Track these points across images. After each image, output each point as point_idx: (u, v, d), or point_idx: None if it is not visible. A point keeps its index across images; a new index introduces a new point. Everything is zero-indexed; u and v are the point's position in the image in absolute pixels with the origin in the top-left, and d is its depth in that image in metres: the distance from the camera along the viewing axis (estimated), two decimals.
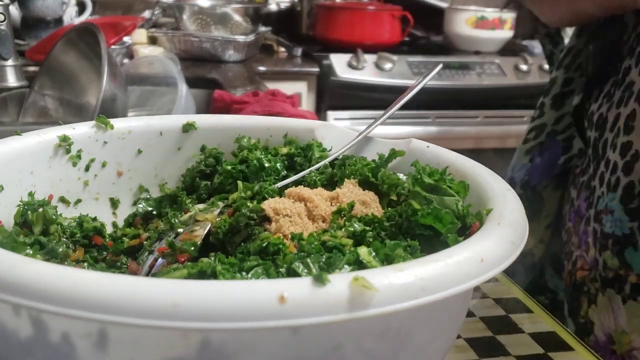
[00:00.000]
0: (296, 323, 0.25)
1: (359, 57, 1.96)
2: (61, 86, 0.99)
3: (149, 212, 0.52)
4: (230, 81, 1.57)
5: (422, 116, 1.99)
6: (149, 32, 1.80)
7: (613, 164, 0.59)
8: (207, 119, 0.55)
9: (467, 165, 0.45)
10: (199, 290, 0.25)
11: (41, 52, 1.23)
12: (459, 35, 2.17)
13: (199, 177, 0.53)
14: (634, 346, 0.56)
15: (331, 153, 0.52)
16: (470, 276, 0.29)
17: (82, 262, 0.43)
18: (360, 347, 0.30)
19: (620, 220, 0.57)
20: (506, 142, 2.04)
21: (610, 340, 0.59)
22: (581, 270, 0.64)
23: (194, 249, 0.39)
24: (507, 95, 2.03)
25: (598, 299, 0.60)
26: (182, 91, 1.00)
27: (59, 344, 0.28)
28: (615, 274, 0.58)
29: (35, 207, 0.43)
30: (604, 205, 0.60)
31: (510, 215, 0.35)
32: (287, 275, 0.32)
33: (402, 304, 0.27)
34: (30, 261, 0.27)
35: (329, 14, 2.10)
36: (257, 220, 0.41)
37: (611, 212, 0.58)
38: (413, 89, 0.52)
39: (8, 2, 1.09)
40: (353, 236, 0.38)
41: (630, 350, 0.57)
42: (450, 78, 2.00)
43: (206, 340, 0.27)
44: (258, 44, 1.99)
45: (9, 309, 0.29)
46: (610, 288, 0.58)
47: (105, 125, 0.50)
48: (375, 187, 0.46)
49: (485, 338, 0.50)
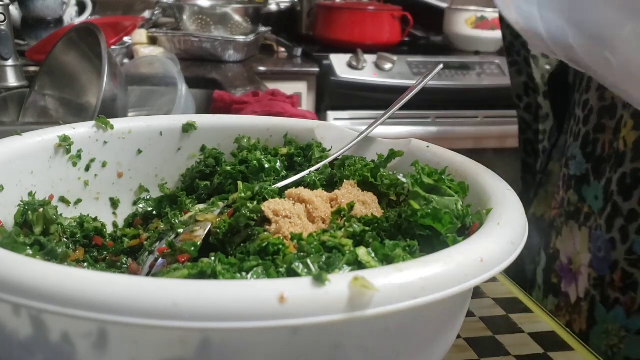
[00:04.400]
0: (296, 323, 0.25)
1: (359, 57, 1.96)
2: (61, 86, 0.99)
3: (149, 212, 0.52)
4: (230, 81, 1.57)
5: (422, 116, 1.99)
6: (149, 32, 1.80)
7: (577, 118, 0.71)
8: (207, 119, 0.55)
9: (467, 165, 0.45)
10: (199, 290, 0.25)
11: (41, 52, 1.23)
12: (458, 35, 2.17)
13: (199, 178, 0.53)
14: (581, 263, 0.68)
15: (331, 153, 0.52)
16: (470, 276, 0.29)
17: (82, 262, 0.44)
18: (360, 347, 0.30)
19: (580, 163, 0.69)
20: (506, 142, 2.04)
21: (570, 262, 0.70)
22: (553, 210, 0.76)
23: (194, 249, 0.39)
24: (507, 95, 2.01)
25: (563, 230, 0.71)
26: (182, 91, 1.01)
27: (59, 344, 0.28)
28: (575, 207, 0.69)
29: (35, 207, 0.43)
30: (570, 153, 0.71)
31: (510, 215, 0.35)
32: (287, 275, 0.32)
33: (402, 304, 0.27)
34: (31, 261, 0.27)
35: (329, 14, 2.10)
36: (257, 220, 0.41)
37: (574, 157, 0.70)
38: (413, 89, 0.52)
39: (8, 2, 1.09)
40: (353, 236, 0.38)
41: (579, 267, 0.68)
42: (450, 78, 2.00)
43: (206, 340, 0.27)
44: (258, 44, 1.99)
45: (9, 309, 0.29)
46: (572, 220, 0.69)
47: (106, 126, 0.50)
48: (375, 188, 0.46)
49: (485, 338, 0.50)
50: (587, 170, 0.67)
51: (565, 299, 0.70)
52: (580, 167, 0.68)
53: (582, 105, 0.70)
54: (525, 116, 0.97)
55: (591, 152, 0.67)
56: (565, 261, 0.71)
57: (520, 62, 0.95)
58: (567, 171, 0.72)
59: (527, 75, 0.94)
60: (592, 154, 0.67)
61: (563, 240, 0.71)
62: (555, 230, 0.74)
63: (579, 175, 0.69)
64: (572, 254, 0.69)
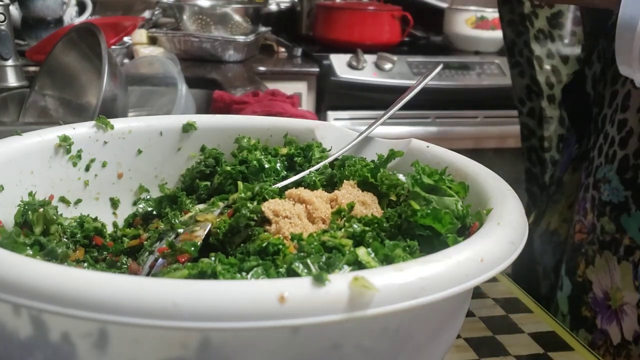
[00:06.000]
0: (296, 323, 0.25)
1: (358, 57, 1.96)
2: (61, 86, 0.99)
3: (149, 212, 0.52)
4: (230, 81, 1.57)
5: (422, 116, 1.99)
6: (149, 32, 1.80)
7: (611, 138, 0.65)
8: (207, 119, 0.55)
9: (467, 165, 0.45)
10: (199, 290, 0.25)
11: (41, 52, 1.23)
12: (458, 35, 2.16)
13: (199, 178, 0.53)
14: (625, 301, 0.62)
15: (331, 153, 0.52)
16: (470, 276, 0.29)
17: (82, 262, 0.43)
18: (360, 347, 0.30)
19: (617, 189, 0.63)
20: (506, 142, 2.04)
21: (607, 297, 0.64)
22: (579, 234, 0.69)
23: (194, 249, 0.39)
24: (507, 95, 2.00)
25: (596, 260, 0.65)
26: (182, 91, 1.01)
27: (59, 344, 0.28)
28: (612, 237, 0.63)
29: (35, 207, 0.43)
30: (602, 175, 0.65)
31: (510, 215, 0.35)
32: (287, 275, 0.32)
33: (402, 304, 0.27)
34: (31, 261, 0.27)
35: (328, 14, 2.10)
36: (257, 221, 0.41)
37: (609, 181, 0.64)
38: (413, 89, 0.52)
39: (8, 2, 1.09)
40: (353, 237, 0.38)
41: (622, 305, 0.62)
42: (450, 78, 2.00)
43: (206, 340, 0.27)
44: (258, 44, 1.99)
45: (9, 309, 0.29)
46: (607, 250, 0.64)
47: (106, 126, 0.50)
48: (375, 188, 0.46)
49: (485, 338, 0.50)
50: (627, 199, 0.62)
51: (603, 337, 0.65)
52: (618, 195, 0.63)
53: (616, 124, 0.65)
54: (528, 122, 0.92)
55: (632, 179, 0.62)
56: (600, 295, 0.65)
57: (523, 64, 0.91)
58: (597, 194, 0.66)
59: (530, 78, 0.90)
60: (632, 181, 0.62)
61: (596, 270, 0.66)
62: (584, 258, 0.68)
63: (617, 202, 0.63)
64: (610, 288, 0.64)
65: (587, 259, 0.67)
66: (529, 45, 0.90)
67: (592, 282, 0.66)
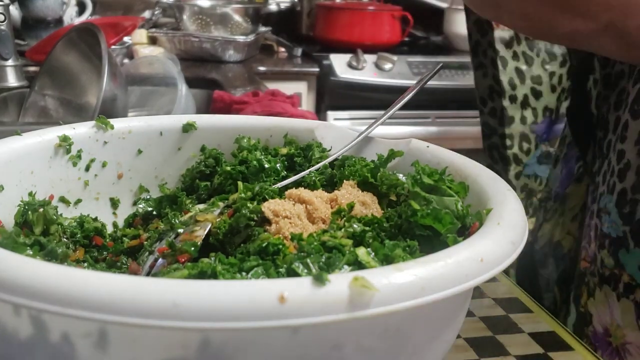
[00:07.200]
0: (296, 323, 0.25)
1: (359, 57, 1.96)
2: (61, 86, 0.99)
3: (149, 212, 0.52)
4: (230, 81, 1.57)
5: (422, 116, 1.99)
6: (149, 32, 1.80)
7: (612, 168, 0.61)
8: (207, 119, 0.55)
9: (467, 165, 0.45)
10: (199, 290, 0.25)
11: (41, 52, 1.23)
12: (459, 35, 2.16)
13: (199, 178, 0.53)
14: (627, 340, 0.59)
15: (331, 153, 0.52)
16: (470, 276, 0.29)
17: (82, 262, 0.43)
18: (360, 347, 0.30)
19: (615, 223, 0.60)
20: None
21: (607, 333, 0.61)
22: (584, 261, 0.66)
23: (194, 249, 0.39)
24: None
25: (596, 293, 0.63)
26: (182, 91, 1.01)
27: (59, 344, 0.28)
28: (611, 272, 0.60)
29: (35, 207, 0.43)
30: (604, 205, 0.62)
31: (510, 215, 0.35)
32: (287, 275, 0.32)
33: (402, 304, 0.27)
34: (31, 261, 0.27)
35: (329, 14, 2.10)
36: (257, 221, 0.41)
37: (608, 213, 0.61)
38: (413, 90, 0.52)
39: (8, 2, 1.09)
40: (353, 237, 0.38)
41: (624, 344, 0.59)
42: (450, 78, 2.00)
43: (206, 340, 0.27)
44: (258, 44, 1.99)
45: (9, 309, 0.29)
46: (606, 285, 0.61)
47: (106, 126, 0.50)
48: (375, 188, 0.46)
49: (485, 338, 0.50)
50: (625, 234, 0.58)
51: None
52: (617, 229, 0.59)
53: (617, 153, 0.61)
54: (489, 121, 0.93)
55: (629, 214, 0.58)
56: (600, 330, 0.62)
57: (486, 65, 0.91)
58: (599, 223, 0.62)
59: (492, 78, 0.89)
60: (630, 217, 0.58)
61: (596, 304, 0.63)
62: (587, 288, 0.65)
63: (615, 237, 0.59)
64: (610, 325, 0.61)
65: (589, 290, 0.64)
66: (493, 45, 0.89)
67: (593, 315, 0.63)
